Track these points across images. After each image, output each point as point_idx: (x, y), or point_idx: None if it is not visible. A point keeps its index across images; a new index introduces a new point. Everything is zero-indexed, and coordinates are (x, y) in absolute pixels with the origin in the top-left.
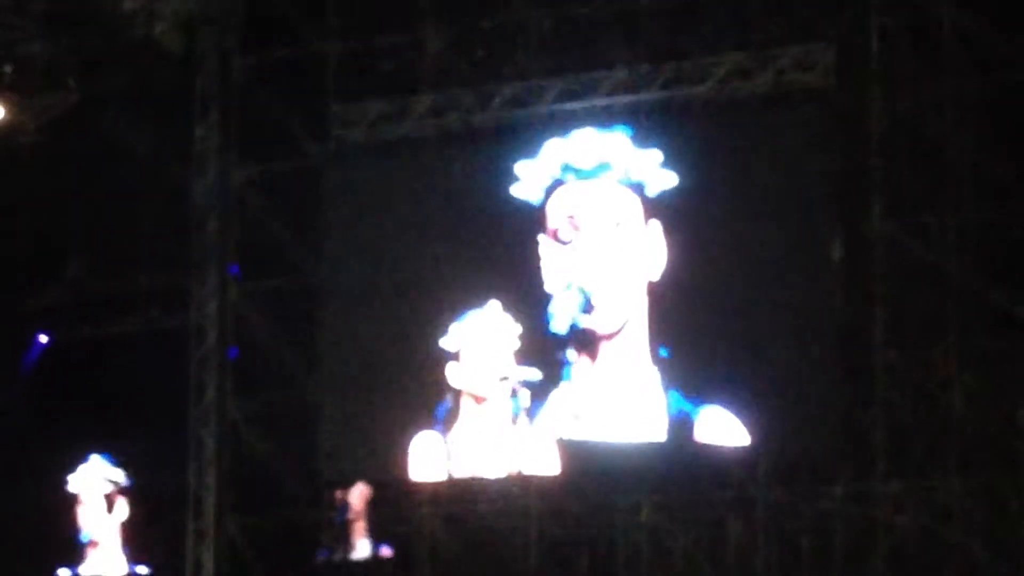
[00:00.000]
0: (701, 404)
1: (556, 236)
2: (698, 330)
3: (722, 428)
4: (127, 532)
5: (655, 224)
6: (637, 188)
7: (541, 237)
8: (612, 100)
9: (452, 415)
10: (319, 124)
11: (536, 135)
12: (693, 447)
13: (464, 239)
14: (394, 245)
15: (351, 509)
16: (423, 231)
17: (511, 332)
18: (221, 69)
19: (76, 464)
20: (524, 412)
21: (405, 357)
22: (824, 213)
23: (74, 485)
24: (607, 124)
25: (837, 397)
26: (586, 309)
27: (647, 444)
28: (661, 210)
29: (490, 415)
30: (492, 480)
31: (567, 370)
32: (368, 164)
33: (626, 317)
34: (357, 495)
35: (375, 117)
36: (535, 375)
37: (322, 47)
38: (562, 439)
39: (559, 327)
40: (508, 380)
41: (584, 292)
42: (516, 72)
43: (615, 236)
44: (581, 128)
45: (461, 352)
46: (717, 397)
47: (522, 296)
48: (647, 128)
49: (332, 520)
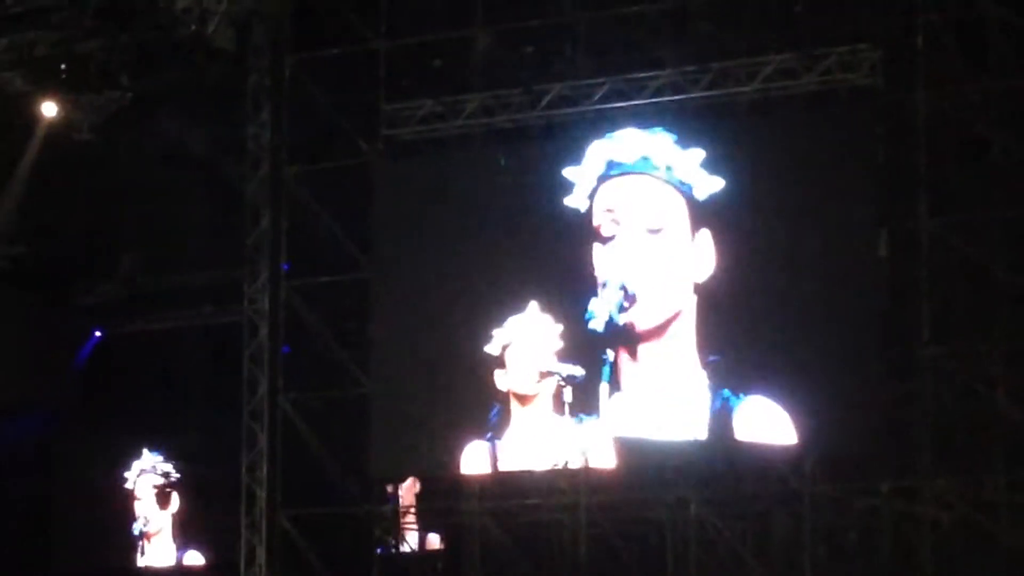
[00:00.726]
0: (745, 394)
1: (599, 233)
2: (747, 331)
3: (764, 417)
4: (180, 524)
5: (705, 232)
6: (683, 189)
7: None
8: (659, 100)
9: (503, 421)
10: (370, 122)
11: (583, 134)
12: (736, 445)
13: (508, 239)
14: (443, 243)
15: (401, 503)
16: (471, 230)
17: (552, 331)
18: (273, 67)
19: (129, 458)
20: (567, 408)
21: (452, 356)
22: (870, 211)
23: (129, 482)
24: (654, 124)
25: (883, 394)
26: (623, 306)
27: (691, 442)
28: (710, 215)
29: (536, 413)
30: (541, 474)
31: (606, 369)
32: (418, 162)
33: (668, 314)
34: (407, 489)
35: (425, 115)
36: (579, 371)
37: (373, 45)
38: (618, 436)
39: (597, 325)
40: (553, 376)
41: (623, 289)
42: (564, 71)
43: (655, 230)
44: (627, 127)
45: (506, 356)
46: (762, 392)
47: (562, 297)
48: (694, 127)
49: (383, 514)
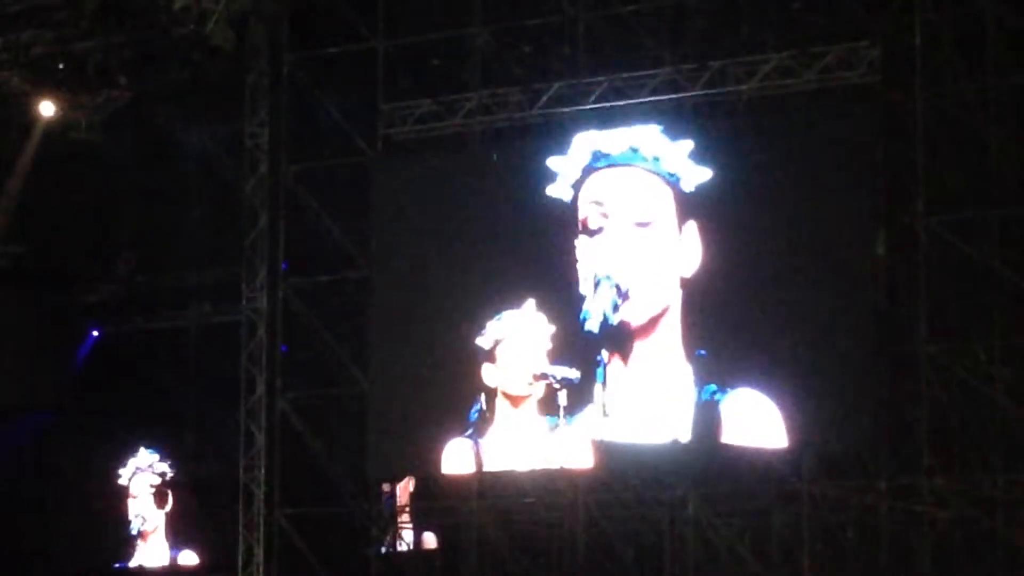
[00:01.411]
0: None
1: (585, 226)
2: (737, 326)
3: (752, 412)
4: (176, 523)
5: (692, 225)
6: (671, 181)
7: (577, 239)
8: (657, 98)
9: (486, 418)
10: (368, 121)
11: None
12: (722, 448)
13: (503, 237)
14: (439, 242)
15: (398, 502)
16: (467, 228)
17: (545, 331)
18: (271, 66)
19: (127, 457)
20: (562, 411)
21: (447, 354)
22: (868, 208)
23: (124, 478)
24: (652, 122)
25: (880, 392)
26: (618, 303)
27: (675, 444)
28: (698, 207)
29: (526, 415)
30: (538, 473)
31: (600, 371)
32: (416, 161)
33: (658, 310)
34: (404, 489)
35: (423, 114)
36: (574, 374)
37: (371, 45)
38: (596, 440)
39: (593, 326)
40: (548, 380)
41: (615, 286)
42: (562, 70)
43: (644, 223)
44: (626, 126)
45: (497, 351)
46: (753, 383)
47: (557, 295)
48: (692, 126)
49: (380, 513)
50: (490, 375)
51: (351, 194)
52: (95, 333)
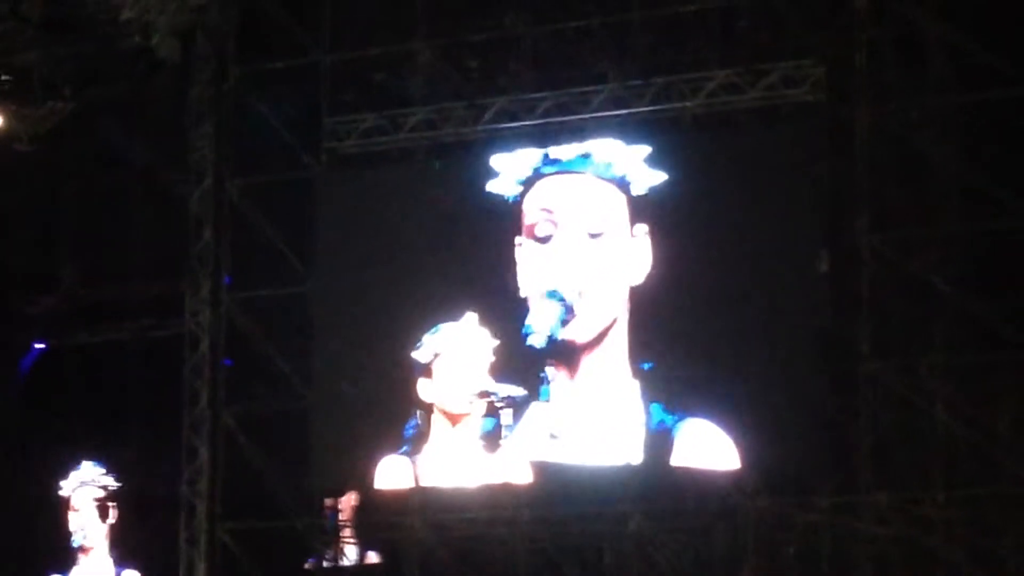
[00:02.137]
0: (683, 417)
1: (533, 233)
2: (681, 340)
3: (705, 442)
4: (118, 537)
5: (642, 228)
6: (622, 184)
7: (518, 239)
8: (602, 114)
9: (421, 434)
10: (313, 135)
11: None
12: (672, 471)
13: (445, 248)
14: (383, 255)
15: (341, 517)
16: (410, 241)
17: (487, 346)
18: (216, 79)
19: (69, 470)
20: (504, 430)
21: (386, 369)
22: (811, 225)
23: (66, 490)
24: (601, 136)
25: (822, 409)
26: (565, 319)
27: (624, 467)
28: (649, 210)
29: (465, 433)
30: (480, 489)
31: (545, 388)
32: (360, 175)
33: (606, 323)
34: (347, 503)
35: (367, 129)
36: (519, 392)
37: (316, 58)
38: (535, 461)
39: (538, 341)
40: (491, 398)
41: (563, 301)
42: (508, 85)
43: (597, 234)
44: (571, 142)
45: (434, 366)
46: (700, 409)
47: (499, 307)
48: (642, 137)
49: (323, 527)
50: (426, 390)
51: (296, 208)
52: (37, 346)
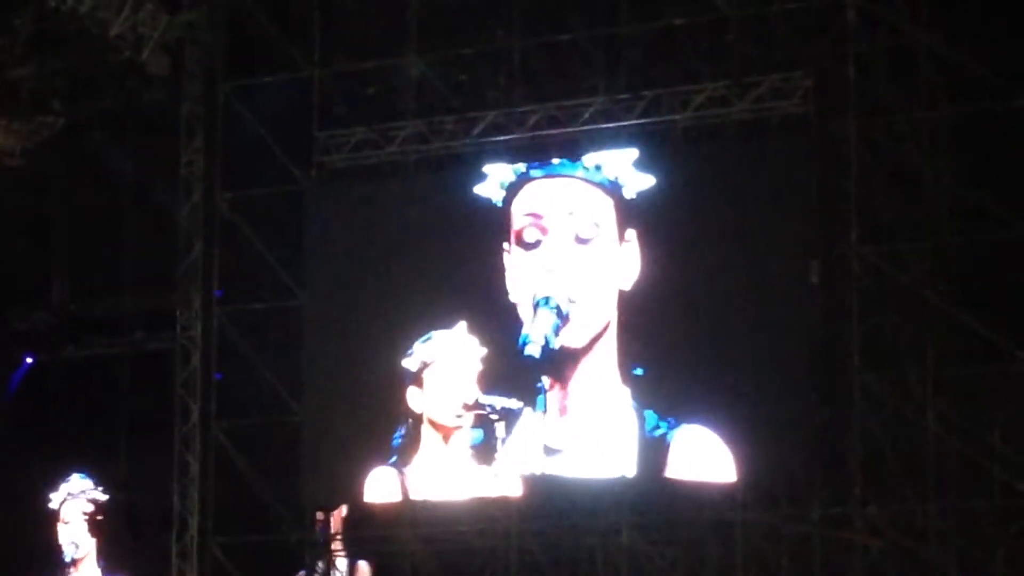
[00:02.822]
0: (678, 423)
1: (520, 239)
2: (671, 346)
3: (702, 449)
4: (108, 551)
5: (632, 233)
6: (611, 188)
7: (505, 245)
8: (592, 127)
9: (410, 444)
10: (303, 149)
11: (516, 161)
12: (667, 484)
13: (435, 259)
14: (373, 268)
15: (332, 530)
16: (402, 254)
17: (476, 355)
18: (206, 93)
19: (59, 483)
20: (497, 442)
21: (375, 379)
22: (802, 238)
23: (55, 503)
24: (587, 151)
25: (813, 421)
26: (559, 328)
27: (617, 480)
28: (639, 214)
29: (456, 446)
30: (473, 501)
31: (540, 398)
32: (351, 189)
33: (598, 329)
34: (338, 517)
35: (358, 142)
36: (514, 404)
37: (306, 72)
38: (527, 475)
39: (534, 351)
40: (484, 410)
41: (557, 309)
42: (498, 99)
43: (586, 239)
44: (562, 154)
45: (424, 375)
46: (693, 415)
47: (490, 315)
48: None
49: (314, 541)
50: (416, 400)
51: (286, 222)
52: (28, 360)
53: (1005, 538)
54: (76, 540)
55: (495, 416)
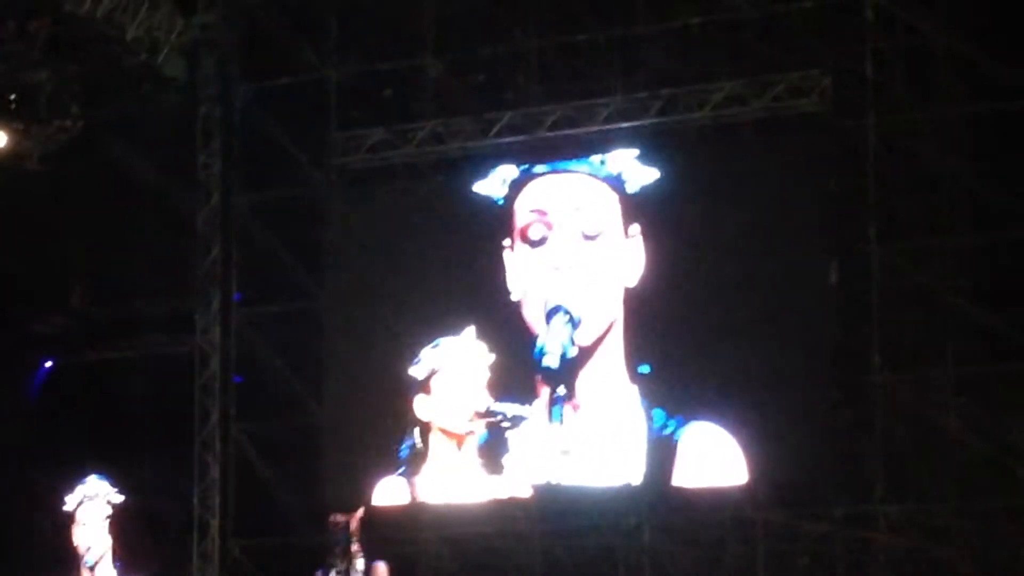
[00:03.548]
0: (685, 422)
1: (525, 235)
2: (683, 345)
3: (710, 448)
4: (125, 553)
5: (636, 228)
6: (615, 183)
7: (505, 242)
8: (610, 126)
9: (419, 454)
10: (320, 151)
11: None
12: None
13: (444, 257)
14: (391, 269)
15: (352, 532)
16: (415, 255)
17: (484, 361)
18: (223, 96)
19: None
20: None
21: (386, 385)
22: (819, 236)
23: (70, 505)
24: (604, 150)
25: (833, 420)
26: (574, 337)
27: (627, 488)
28: (643, 209)
29: (467, 452)
30: (490, 503)
31: (557, 409)
32: (368, 190)
33: (604, 328)
34: (357, 518)
35: (375, 143)
36: (525, 412)
37: (323, 74)
38: (538, 483)
39: (552, 362)
40: (495, 418)
41: (570, 316)
42: (515, 99)
43: (592, 235)
44: (579, 154)
45: (432, 382)
46: (702, 415)
47: (497, 317)
48: (645, 154)
49: (334, 543)
50: (424, 408)
51: (304, 223)
52: (48, 364)
53: None
54: (91, 541)
55: (507, 424)
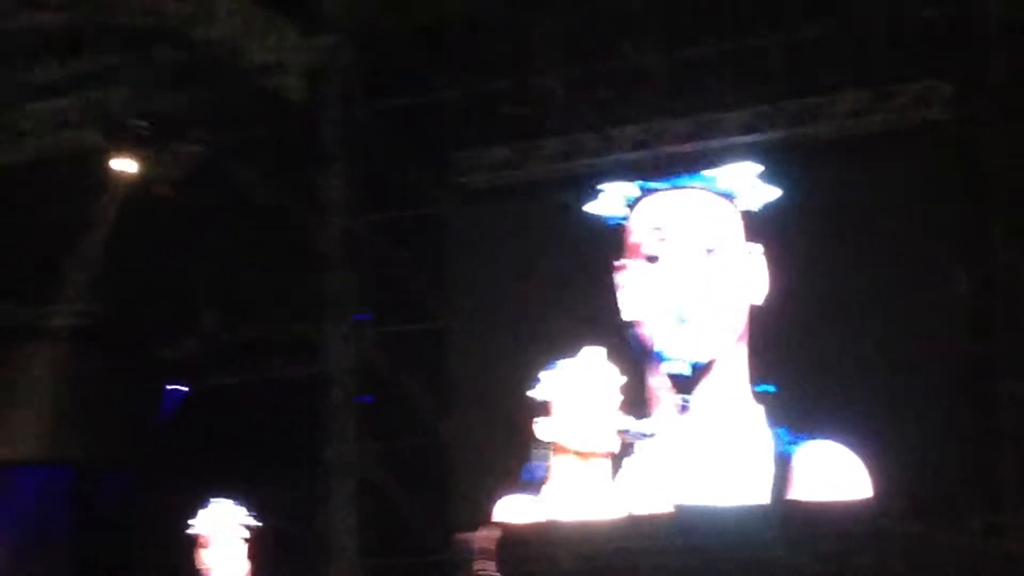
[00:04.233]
0: (805, 439)
1: (642, 252)
2: (807, 363)
3: (830, 465)
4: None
5: (756, 246)
6: (734, 200)
7: (622, 261)
8: (735, 140)
9: (546, 475)
10: (442, 170)
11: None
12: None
13: (560, 279)
14: (512, 289)
15: (478, 551)
16: (538, 274)
17: (607, 380)
18: (345, 118)
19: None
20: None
21: (512, 406)
22: (944, 245)
23: (199, 528)
24: (727, 163)
25: (963, 429)
26: (695, 344)
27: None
28: (764, 228)
29: (596, 470)
30: (625, 519)
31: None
32: (491, 209)
33: (725, 343)
34: (486, 537)
35: (498, 162)
36: (652, 428)
37: (443, 94)
38: (675, 504)
39: (681, 368)
40: (625, 435)
41: (691, 323)
42: (638, 115)
43: (711, 249)
44: (705, 167)
45: (554, 404)
46: (829, 433)
47: (614, 338)
48: (768, 167)
49: (464, 561)
50: (547, 429)
51: (427, 243)
52: (177, 389)
53: None
54: (223, 564)
55: (635, 439)
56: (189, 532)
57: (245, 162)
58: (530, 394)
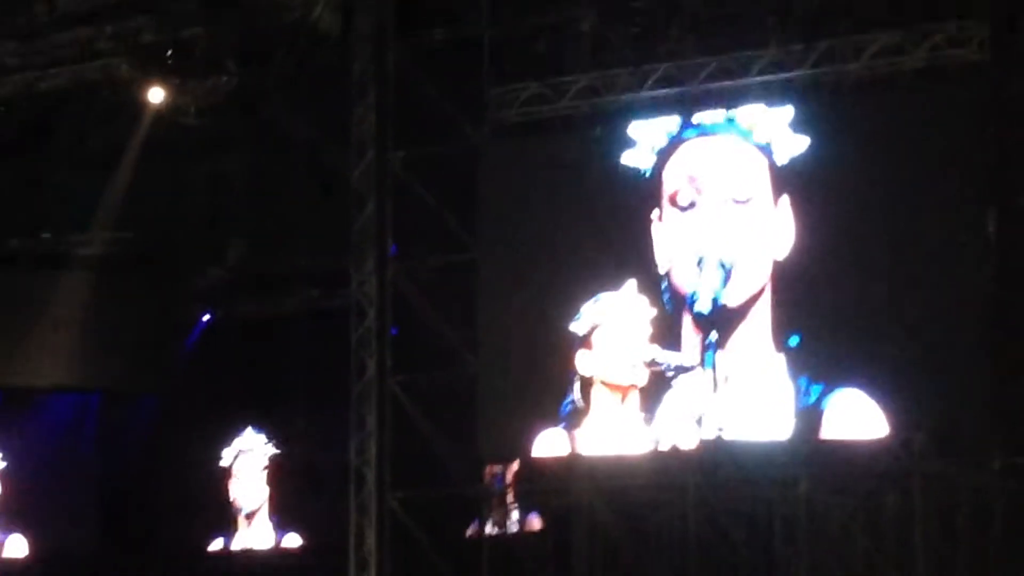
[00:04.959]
0: (832, 388)
1: (674, 201)
2: (831, 313)
3: (856, 413)
4: (282, 505)
5: (785, 199)
6: (765, 151)
7: (655, 212)
8: (764, 78)
9: (580, 408)
10: (475, 105)
11: (688, 111)
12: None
13: (602, 216)
14: (546, 222)
15: (507, 484)
16: (570, 209)
17: (646, 314)
18: (377, 52)
19: (232, 439)
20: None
21: (546, 340)
22: (976, 188)
23: (227, 458)
24: (758, 101)
25: (987, 372)
26: (726, 283)
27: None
28: (792, 180)
29: (631, 404)
30: (648, 455)
31: (709, 355)
32: (522, 144)
33: (754, 291)
34: (511, 470)
35: (530, 97)
36: (688, 360)
37: (477, 30)
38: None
39: (703, 307)
40: (660, 367)
41: (721, 263)
42: (670, 51)
43: (743, 200)
44: (736, 105)
45: (593, 337)
46: (851, 380)
47: (648, 283)
48: (799, 105)
49: (490, 494)
50: (586, 363)
51: (458, 178)
52: (206, 318)
53: None
54: (249, 494)
55: (671, 373)
56: (216, 463)
57: (276, 94)
58: (570, 328)
